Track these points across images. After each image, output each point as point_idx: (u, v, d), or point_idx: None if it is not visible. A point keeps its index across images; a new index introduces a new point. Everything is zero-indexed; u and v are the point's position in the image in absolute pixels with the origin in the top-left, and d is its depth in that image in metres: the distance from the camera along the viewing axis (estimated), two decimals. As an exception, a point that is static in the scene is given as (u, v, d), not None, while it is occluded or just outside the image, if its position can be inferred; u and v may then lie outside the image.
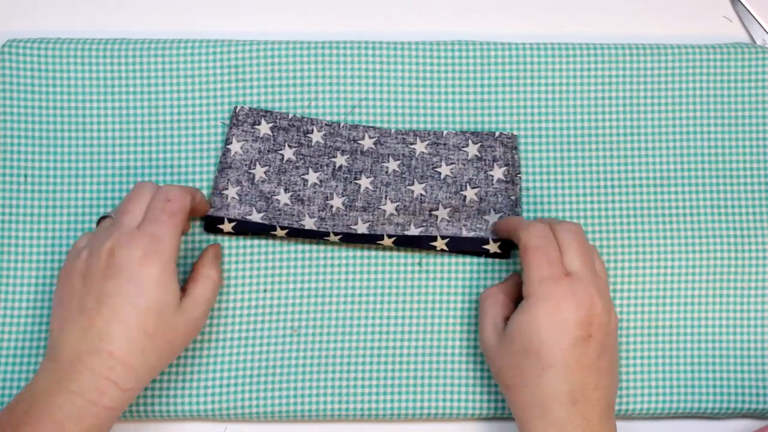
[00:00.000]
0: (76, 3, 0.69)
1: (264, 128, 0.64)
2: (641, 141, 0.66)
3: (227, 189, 0.63)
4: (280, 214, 0.63)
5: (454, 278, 0.64)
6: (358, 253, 0.64)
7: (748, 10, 0.70)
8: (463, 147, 0.65)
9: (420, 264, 0.64)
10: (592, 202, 0.65)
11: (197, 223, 0.64)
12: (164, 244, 0.56)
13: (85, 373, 0.54)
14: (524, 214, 0.65)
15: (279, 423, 0.64)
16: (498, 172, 0.64)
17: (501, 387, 0.58)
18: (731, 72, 0.67)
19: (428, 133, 0.65)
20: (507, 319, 0.59)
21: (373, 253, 0.64)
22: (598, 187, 0.66)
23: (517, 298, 0.61)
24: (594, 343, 0.56)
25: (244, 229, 0.63)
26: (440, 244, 0.64)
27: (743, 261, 0.65)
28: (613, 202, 0.66)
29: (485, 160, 0.64)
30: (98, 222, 0.60)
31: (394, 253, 0.64)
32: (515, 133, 0.66)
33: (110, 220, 0.59)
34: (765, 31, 0.70)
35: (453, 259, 0.64)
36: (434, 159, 0.64)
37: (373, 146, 0.65)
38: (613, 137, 0.66)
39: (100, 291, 0.55)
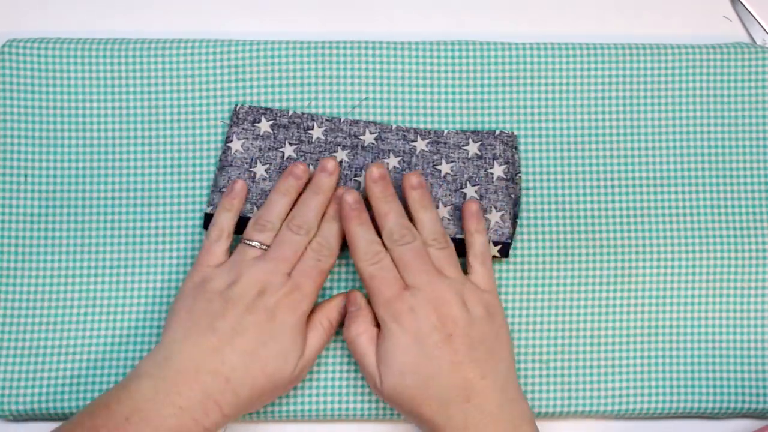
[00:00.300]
0: (76, 3, 0.69)
1: (264, 126, 0.64)
2: (641, 141, 0.66)
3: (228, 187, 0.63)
4: (280, 213, 0.63)
5: (454, 278, 0.64)
6: (358, 253, 0.64)
7: (748, 10, 0.70)
8: (463, 146, 0.65)
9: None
10: (592, 202, 0.65)
11: (198, 221, 0.64)
12: (307, 298, 0.59)
13: (196, 390, 0.55)
14: (524, 214, 0.65)
15: (279, 423, 0.64)
16: (498, 170, 0.64)
17: (406, 416, 0.59)
18: (731, 72, 0.67)
19: (429, 132, 0.65)
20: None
21: (373, 253, 0.64)
22: (598, 187, 0.66)
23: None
24: (458, 339, 0.57)
25: (245, 226, 0.63)
26: (441, 244, 0.64)
27: (743, 261, 0.65)
28: (613, 202, 0.66)
29: (485, 158, 0.64)
30: (240, 241, 0.61)
31: (394, 253, 0.64)
32: (515, 132, 0.66)
33: (257, 251, 0.60)
34: (765, 31, 0.70)
35: (453, 259, 0.64)
36: (434, 157, 0.64)
37: (374, 141, 0.65)
38: (613, 137, 0.66)
39: (238, 320, 0.57)
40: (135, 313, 0.63)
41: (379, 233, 0.61)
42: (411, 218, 0.61)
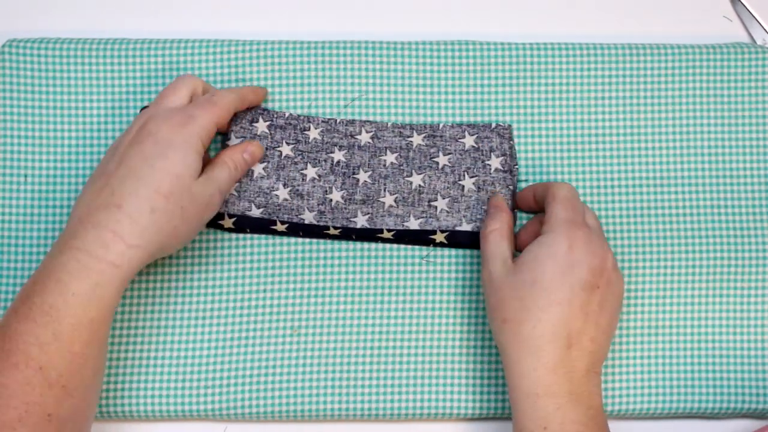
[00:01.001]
0: (76, 3, 0.69)
1: (261, 126, 0.64)
2: (641, 141, 0.66)
3: (227, 187, 0.63)
4: (279, 209, 0.64)
5: (455, 277, 0.64)
6: (358, 252, 0.64)
7: (748, 10, 0.70)
8: (459, 138, 0.65)
9: (427, 257, 0.64)
10: (592, 202, 0.65)
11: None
12: (196, 121, 0.57)
13: (90, 228, 0.54)
14: (524, 214, 0.65)
15: (279, 423, 0.64)
16: (495, 162, 0.64)
17: (496, 322, 0.58)
18: (731, 72, 0.67)
19: (425, 126, 0.65)
20: (512, 254, 0.60)
21: (372, 252, 0.64)
22: (598, 187, 0.66)
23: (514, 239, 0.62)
24: (599, 295, 0.57)
25: (244, 224, 0.63)
26: (439, 237, 0.64)
27: (743, 261, 0.65)
28: (613, 202, 0.66)
29: (482, 150, 0.64)
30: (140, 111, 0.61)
31: (394, 253, 0.64)
32: (515, 132, 0.66)
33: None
34: (765, 31, 0.70)
35: (453, 258, 0.64)
36: (431, 150, 0.65)
37: (370, 140, 0.65)
38: (613, 137, 0.66)
39: (123, 154, 0.56)
40: (134, 313, 0.63)
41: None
42: None
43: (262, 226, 0.64)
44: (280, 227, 0.64)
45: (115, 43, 0.66)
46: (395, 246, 0.65)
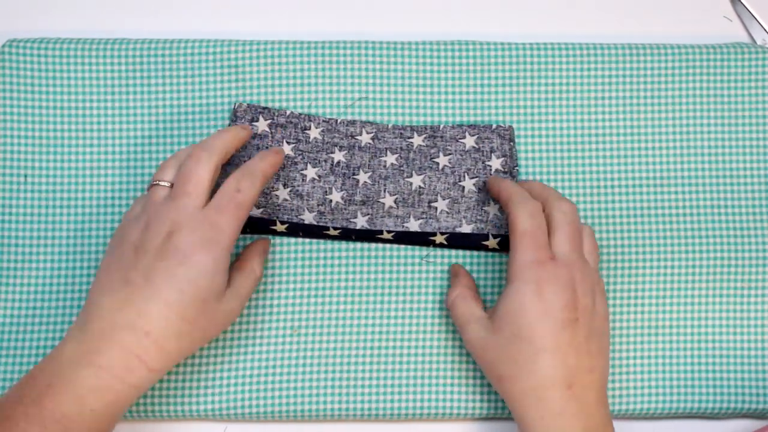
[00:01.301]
0: (76, 3, 0.69)
1: (262, 125, 0.64)
2: (641, 141, 0.66)
3: (227, 188, 0.63)
4: (279, 209, 0.64)
5: (454, 278, 0.64)
6: (358, 252, 0.64)
7: (748, 10, 0.70)
8: (460, 138, 0.65)
9: (426, 257, 0.64)
10: (592, 202, 0.65)
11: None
12: (224, 235, 0.55)
13: (115, 348, 0.53)
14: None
15: (279, 423, 0.64)
16: (496, 163, 0.64)
17: (493, 380, 0.58)
18: (731, 72, 0.67)
19: (425, 127, 0.65)
20: (484, 310, 0.60)
21: (373, 252, 0.64)
22: (598, 187, 0.66)
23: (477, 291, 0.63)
24: (581, 326, 0.56)
25: (244, 225, 0.63)
26: (439, 238, 0.64)
27: (743, 261, 0.65)
28: (613, 202, 0.66)
29: (483, 151, 0.64)
30: (149, 187, 0.58)
31: (394, 253, 0.64)
32: (515, 132, 0.66)
33: (165, 189, 0.57)
34: (765, 31, 0.70)
35: (453, 258, 0.64)
36: (432, 150, 0.65)
37: (370, 141, 0.65)
38: (613, 137, 0.66)
39: (149, 268, 0.54)
40: (135, 313, 0.64)
41: None
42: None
43: (262, 226, 0.64)
44: (279, 227, 0.64)
45: (115, 43, 0.66)
46: (395, 246, 0.65)
